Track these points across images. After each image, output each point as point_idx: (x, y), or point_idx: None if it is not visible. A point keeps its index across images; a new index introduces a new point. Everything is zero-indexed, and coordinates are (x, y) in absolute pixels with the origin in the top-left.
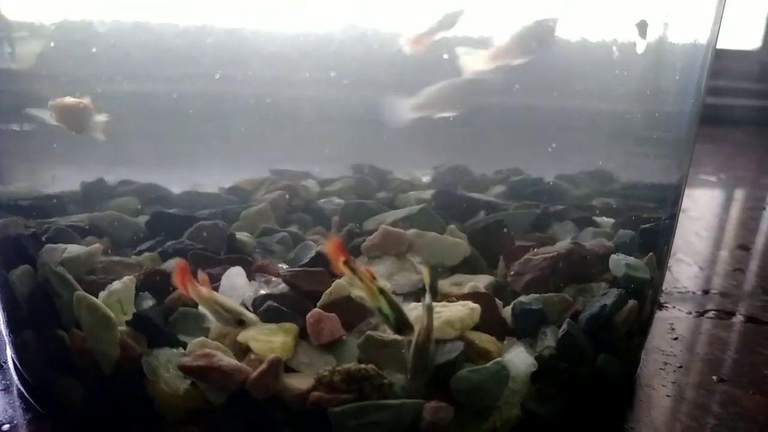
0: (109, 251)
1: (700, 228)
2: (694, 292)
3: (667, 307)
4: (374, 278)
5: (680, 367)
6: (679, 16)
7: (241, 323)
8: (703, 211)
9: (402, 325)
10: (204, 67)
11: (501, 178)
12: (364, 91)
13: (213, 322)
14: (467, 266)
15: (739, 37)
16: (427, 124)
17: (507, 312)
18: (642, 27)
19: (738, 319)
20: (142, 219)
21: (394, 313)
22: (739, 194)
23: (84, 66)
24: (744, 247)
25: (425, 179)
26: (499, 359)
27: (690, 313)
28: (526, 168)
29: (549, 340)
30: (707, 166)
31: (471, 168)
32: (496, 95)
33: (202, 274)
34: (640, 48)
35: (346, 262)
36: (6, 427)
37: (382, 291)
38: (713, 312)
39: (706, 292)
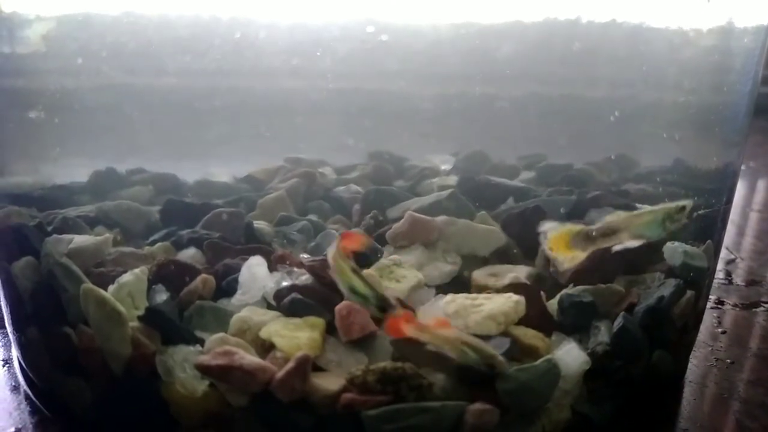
0: (119, 240)
1: (734, 216)
2: (736, 283)
3: (709, 298)
4: (348, 256)
5: (732, 363)
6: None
7: (491, 367)
8: (735, 200)
9: (384, 303)
10: (218, 58)
11: (526, 163)
12: (378, 81)
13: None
14: (501, 256)
15: None
16: (440, 111)
17: (551, 305)
18: None
19: None
20: (155, 209)
21: (373, 292)
22: None
23: (96, 57)
24: None
25: (445, 166)
26: (549, 357)
27: (735, 305)
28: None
29: (602, 335)
30: None
31: (489, 154)
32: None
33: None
34: None
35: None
36: (11, 429)
37: (354, 270)
38: (760, 303)
39: (747, 282)
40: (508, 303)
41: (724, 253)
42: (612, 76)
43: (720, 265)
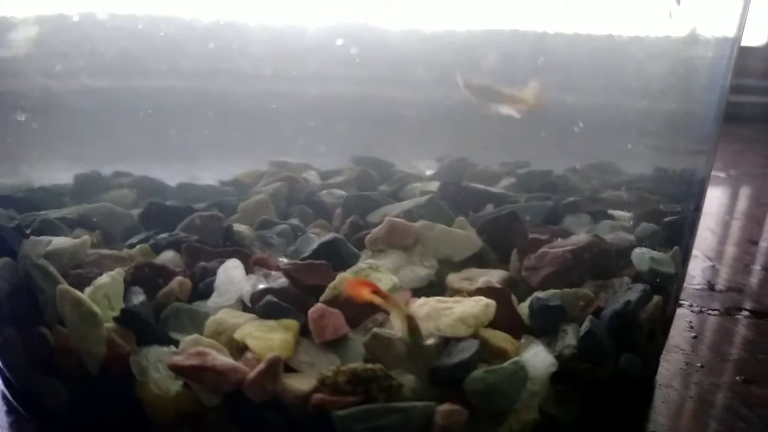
0: (96, 243)
1: (713, 224)
2: (711, 289)
3: (683, 304)
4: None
5: (702, 366)
6: (708, 10)
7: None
8: (714, 207)
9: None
10: (204, 61)
11: (507, 170)
12: (364, 86)
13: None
14: (477, 260)
15: (745, 34)
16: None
17: (523, 308)
18: None
19: (760, 316)
20: (137, 212)
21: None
22: (749, 190)
23: (80, 59)
24: (757, 243)
25: (429, 172)
26: (516, 359)
27: (709, 310)
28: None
29: (570, 338)
30: (716, 162)
31: (474, 160)
32: None
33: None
34: (673, 13)
35: (376, 292)
36: None
37: (410, 318)
38: (734, 310)
39: (723, 289)
40: (478, 306)
41: (703, 260)
42: (583, 85)
43: (699, 272)
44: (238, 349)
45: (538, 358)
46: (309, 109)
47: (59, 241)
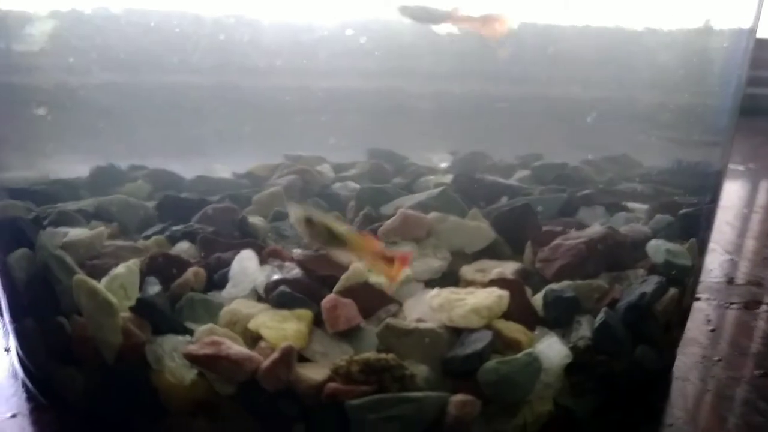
0: (117, 236)
1: (731, 217)
2: (729, 283)
3: (700, 297)
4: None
5: (719, 360)
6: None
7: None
8: (733, 201)
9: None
10: (219, 55)
11: (521, 162)
12: (378, 79)
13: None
14: (490, 252)
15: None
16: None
17: (537, 300)
18: None
19: None
20: (152, 204)
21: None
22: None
23: (98, 53)
24: None
25: (443, 165)
26: (530, 350)
27: (727, 304)
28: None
29: (584, 330)
30: (735, 156)
31: (489, 153)
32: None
33: None
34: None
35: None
36: (7, 415)
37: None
38: (753, 303)
39: (742, 283)
40: (492, 297)
41: (721, 254)
42: (597, 77)
43: (717, 265)
44: (252, 339)
45: (552, 349)
46: (323, 102)
47: (76, 233)
